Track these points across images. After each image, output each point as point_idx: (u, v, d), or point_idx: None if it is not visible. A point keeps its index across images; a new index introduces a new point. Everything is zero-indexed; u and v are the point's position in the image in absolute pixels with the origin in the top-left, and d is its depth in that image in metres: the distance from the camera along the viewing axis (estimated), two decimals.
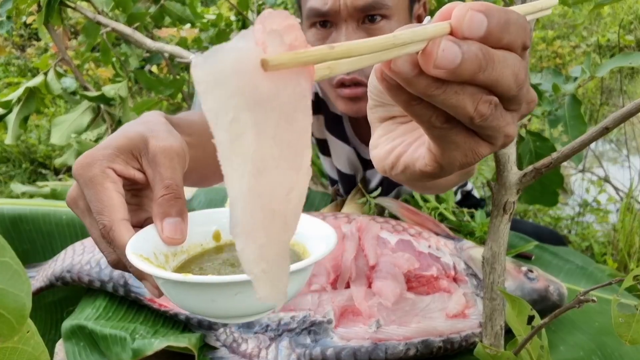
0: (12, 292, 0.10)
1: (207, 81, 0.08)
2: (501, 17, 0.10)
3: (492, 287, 0.22)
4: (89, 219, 0.17)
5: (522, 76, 0.11)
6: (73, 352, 0.28)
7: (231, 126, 0.08)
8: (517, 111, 0.12)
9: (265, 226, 0.08)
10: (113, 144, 0.17)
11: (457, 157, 0.13)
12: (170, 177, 0.16)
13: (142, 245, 0.15)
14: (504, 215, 0.22)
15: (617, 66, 0.33)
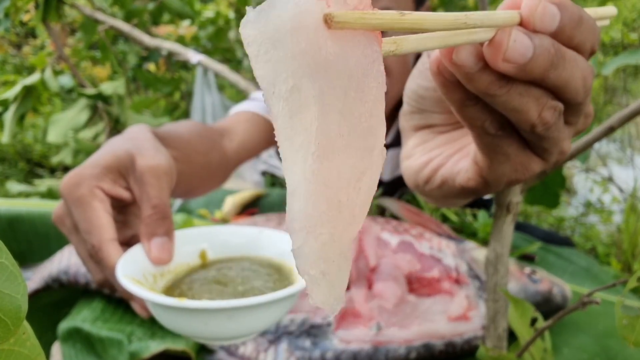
0: (7, 294, 0.10)
1: (260, 41, 0.06)
2: (575, 14, 0.09)
3: (495, 289, 0.22)
4: (75, 237, 0.17)
5: (590, 81, 0.10)
6: (69, 355, 0.28)
7: (291, 96, 0.06)
8: (574, 125, 0.11)
9: (329, 220, 0.06)
10: (101, 162, 0.17)
11: (506, 171, 0.11)
12: (157, 196, 0.16)
13: (130, 266, 0.15)
14: (507, 216, 0.22)
15: (622, 64, 0.32)
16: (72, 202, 0.16)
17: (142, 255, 0.16)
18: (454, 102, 0.11)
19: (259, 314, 0.14)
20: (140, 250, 0.16)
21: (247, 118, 0.36)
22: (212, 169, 0.29)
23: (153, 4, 0.75)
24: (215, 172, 0.30)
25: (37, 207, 0.39)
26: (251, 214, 0.42)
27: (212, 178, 0.30)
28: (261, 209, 0.44)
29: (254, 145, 0.35)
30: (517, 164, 0.11)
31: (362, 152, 0.07)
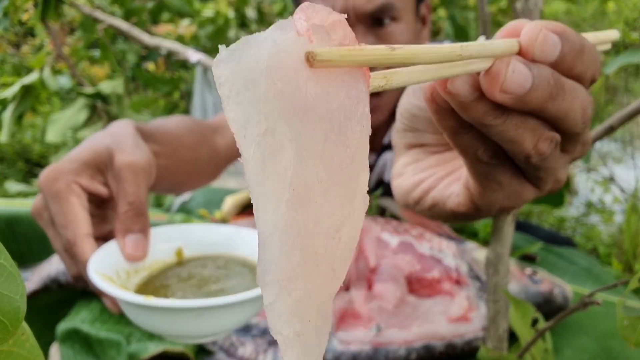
0: (6, 295, 0.10)
1: (232, 81, 0.06)
2: (576, 43, 0.09)
3: (496, 290, 0.22)
4: (52, 231, 0.17)
5: (589, 112, 0.10)
6: (68, 356, 0.28)
7: (265, 139, 0.06)
8: (571, 153, 0.11)
9: (305, 274, 0.06)
10: (80, 157, 0.17)
11: (498, 198, 0.11)
12: (133, 193, 0.16)
13: (103, 262, 0.15)
14: (508, 216, 0.21)
15: (624, 63, 0.32)
16: (49, 196, 0.16)
17: (116, 251, 0.16)
18: (446, 129, 0.10)
19: (227, 313, 0.14)
20: (115, 246, 0.16)
21: None
22: (201, 164, 0.28)
23: (152, 2, 0.75)
24: (204, 168, 0.29)
25: None
26: (251, 214, 0.42)
27: (201, 173, 0.29)
28: None
29: None
30: (510, 192, 0.11)
31: (342, 200, 0.06)
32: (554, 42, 0.09)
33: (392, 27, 0.32)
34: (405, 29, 0.33)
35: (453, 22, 0.65)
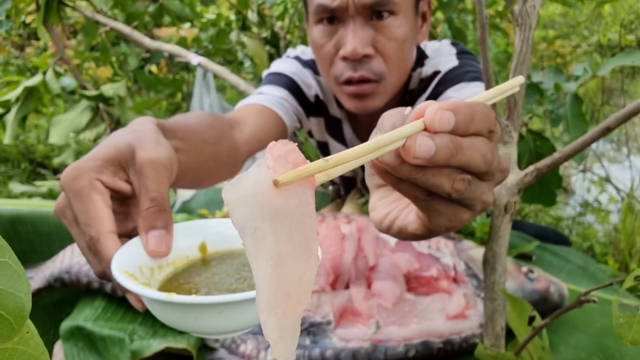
0: (11, 293, 0.10)
1: (233, 201, 0.10)
2: (467, 113, 0.12)
3: (493, 288, 0.22)
4: (76, 229, 0.17)
5: (490, 156, 0.13)
6: (72, 353, 0.28)
7: (255, 233, 0.10)
8: (491, 180, 0.14)
9: (283, 304, 0.10)
10: (101, 155, 0.17)
11: (442, 222, 0.15)
12: (156, 189, 0.16)
13: (127, 259, 0.15)
14: (505, 216, 0.22)
15: (619, 65, 0.32)
16: (71, 194, 0.16)
17: (140, 248, 0.16)
18: (389, 183, 0.14)
19: (250, 309, 0.14)
20: (138, 243, 0.16)
21: (256, 110, 0.36)
22: (221, 159, 0.29)
23: (153, 6, 0.76)
24: (225, 162, 0.30)
25: (39, 207, 0.39)
26: None
27: (222, 168, 0.30)
28: None
29: (264, 136, 0.35)
30: (449, 216, 0.14)
31: (302, 261, 0.10)
32: (448, 117, 0.12)
33: (390, 20, 0.33)
34: (403, 23, 0.33)
35: (451, 25, 0.65)
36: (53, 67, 0.65)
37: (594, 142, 0.20)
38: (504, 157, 0.14)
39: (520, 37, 0.21)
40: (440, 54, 0.40)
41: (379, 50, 0.34)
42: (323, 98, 0.44)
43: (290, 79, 0.41)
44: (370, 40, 0.34)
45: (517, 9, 0.21)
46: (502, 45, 1.69)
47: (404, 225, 0.17)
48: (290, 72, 0.42)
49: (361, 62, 0.34)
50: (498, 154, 0.14)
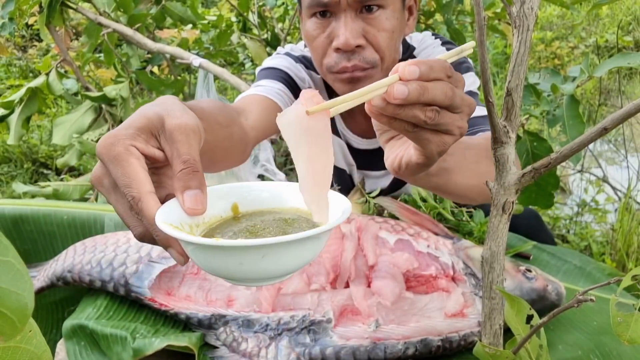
0: (14, 292, 0.10)
1: (283, 124, 0.17)
2: (427, 65, 0.18)
3: (491, 287, 0.22)
4: (114, 195, 0.18)
5: (450, 93, 0.18)
6: (74, 352, 0.28)
7: (297, 143, 0.17)
8: (461, 112, 0.19)
9: (315, 185, 0.17)
10: (133, 124, 0.18)
11: (432, 148, 0.20)
12: (187, 152, 0.17)
13: (168, 216, 0.16)
14: (503, 215, 0.22)
15: (616, 66, 0.33)
16: (109, 160, 0.17)
17: (177, 207, 0.17)
18: (384, 123, 0.19)
19: (292, 252, 0.14)
20: (176, 203, 0.17)
21: (258, 100, 0.38)
22: (234, 141, 0.30)
23: (156, 8, 0.77)
24: (237, 145, 0.31)
25: (42, 207, 0.39)
26: None
27: (235, 150, 0.31)
28: None
29: (268, 124, 0.36)
30: (436, 141, 0.20)
31: (324, 158, 0.17)
32: (414, 69, 0.18)
33: (379, 13, 0.36)
34: (391, 16, 0.37)
35: (449, 27, 0.66)
36: (56, 68, 0.65)
37: (591, 142, 0.21)
38: (467, 96, 0.19)
39: (518, 38, 0.21)
40: (426, 45, 0.43)
41: (369, 41, 0.36)
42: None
43: (285, 73, 0.43)
44: (361, 32, 0.36)
45: (514, 11, 0.21)
46: (500, 47, 1.69)
47: (408, 158, 0.22)
48: (283, 66, 0.43)
49: (354, 52, 0.36)
50: (461, 93, 0.19)
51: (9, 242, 0.11)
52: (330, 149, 0.17)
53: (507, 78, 0.21)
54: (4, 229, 0.38)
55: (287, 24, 1.05)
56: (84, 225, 0.39)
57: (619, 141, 1.13)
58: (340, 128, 0.46)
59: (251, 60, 1.10)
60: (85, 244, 0.34)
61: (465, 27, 0.88)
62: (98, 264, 0.32)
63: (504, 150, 0.22)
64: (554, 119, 0.36)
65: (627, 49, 1.50)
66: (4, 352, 0.11)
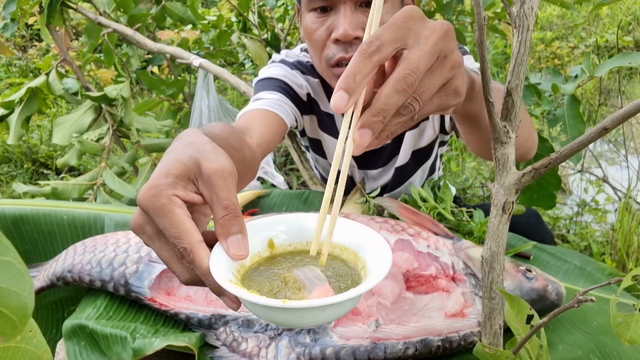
0: (14, 292, 0.10)
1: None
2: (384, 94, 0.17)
3: (491, 287, 0.22)
4: (157, 243, 0.19)
5: (411, 79, 0.17)
6: (74, 352, 0.28)
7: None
8: (439, 65, 0.18)
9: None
10: (171, 172, 0.18)
11: (445, 107, 0.19)
12: (226, 197, 0.18)
13: (219, 266, 0.17)
14: (503, 215, 0.22)
15: (617, 66, 0.33)
16: (154, 212, 0.18)
17: (223, 253, 0.18)
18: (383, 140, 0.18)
19: (348, 304, 0.16)
20: (221, 249, 0.18)
21: (259, 115, 0.39)
22: (246, 162, 0.31)
23: (156, 8, 0.77)
24: (248, 165, 0.32)
25: (42, 206, 0.39)
26: (252, 214, 0.42)
27: (247, 172, 0.32)
28: (262, 208, 0.45)
29: (271, 138, 0.37)
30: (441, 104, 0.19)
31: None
32: (365, 132, 0.18)
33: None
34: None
35: None
36: (56, 68, 0.65)
37: (592, 142, 0.21)
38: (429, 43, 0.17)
39: (518, 38, 0.21)
40: None
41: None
42: (314, 96, 0.46)
43: (282, 82, 0.43)
44: (360, 24, 0.36)
45: (515, 11, 0.21)
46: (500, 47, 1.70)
47: (439, 122, 0.23)
48: (280, 75, 0.43)
49: (352, 44, 0.37)
50: (420, 56, 0.17)
51: (9, 242, 0.11)
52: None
53: (507, 78, 0.21)
54: (4, 229, 0.38)
55: (287, 24, 1.05)
56: (84, 225, 0.39)
57: (619, 141, 1.13)
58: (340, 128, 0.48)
59: (251, 61, 1.10)
60: (85, 244, 0.34)
61: (465, 27, 0.88)
62: (98, 264, 0.32)
63: (504, 150, 0.22)
64: (555, 118, 0.36)
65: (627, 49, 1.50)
66: (4, 352, 0.11)
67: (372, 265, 0.18)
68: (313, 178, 0.55)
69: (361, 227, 0.19)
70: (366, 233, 0.19)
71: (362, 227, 0.19)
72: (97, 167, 0.57)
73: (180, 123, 0.88)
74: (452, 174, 1.10)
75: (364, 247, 0.19)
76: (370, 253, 0.18)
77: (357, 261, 0.19)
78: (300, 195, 0.45)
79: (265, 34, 0.97)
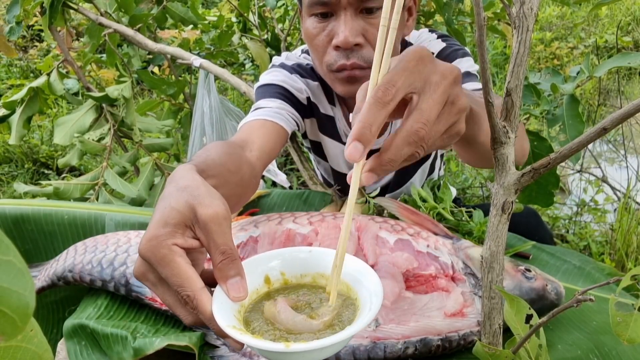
0: (15, 291, 0.10)
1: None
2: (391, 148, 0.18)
3: (491, 286, 0.22)
4: (160, 288, 0.20)
5: (423, 132, 0.18)
6: (75, 351, 0.28)
7: None
8: (445, 120, 0.18)
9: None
10: (169, 221, 0.19)
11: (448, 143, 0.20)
12: (223, 242, 0.19)
13: (222, 310, 0.18)
14: (502, 215, 0.22)
15: (616, 66, 0.33)
16: (156, 262, 0.19)
17: (224, 296, 0.19)
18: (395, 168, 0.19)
19: (346, 340, 0.17)
20: (222, 293, 0.19)
21: (259, 125, 0.39)
22: (245, 182, 0.31)
23: (157, 9, 0.77)
24: (247, 186, 0.32)
25: (43, 206, 0.40)
26: (252, 214, 0.42)
27: (246, 191, 0.32)
28: (262, 208, 0.45)
29: (271, 148, 0.38)
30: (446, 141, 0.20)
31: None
32: (371, 176, 0.18)
33: (379, 13, 0.37)
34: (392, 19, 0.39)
35: (449, 27, 0.66)
36: (57, 68, 0.66)
37: (591, 142, 0.21)
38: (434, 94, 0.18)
39: (518, 39, 0.21)
40: (422, 40, 0.44)
41: (368, 40, 0.37)
42: (314, 99, 0.46)
43: (282, 87, 0.43)
44: (361, 31, 0.37)
45: (514, 11, 0.21)
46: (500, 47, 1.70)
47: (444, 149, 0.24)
48: (279, 80, 0.44)
49: (352, 50, 0.37)
50: (425, 112, 0.17)
51: (10, 241, 0.11)
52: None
53: (507, 78, 0.21)
54: (5, 229, 0.38)
55: (287, 25, 1.05)
56: (84, 224, 0.39)
57: (619, 141, 1.13)
58: (342, 133, 0.46)
59: (251, 61, 1.10)
60: (86, 244, 0.34)
61: (465, 28, 0.89)
62: (99, 264, 0.32)
63: (504, 150, 0.22)
64: (554, 118, 0.36)
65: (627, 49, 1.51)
66: (5, 351, 0.11)
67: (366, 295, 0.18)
68: (313, 178, 0.55)
69: (352, 259, 0.20)
70: (357, 265, 0.20)
71: (353, 259, 0.20)
72: (98, 167, 0.57)
73: (180, 123, 0.89)
74: (451, 174, 1.10)
75: (355, 277, 0.19)
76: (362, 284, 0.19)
77: (350, 292, 0.20)
78: (300, 195, 0.45)
79: (265, 34, 0.97)
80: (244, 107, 1.39)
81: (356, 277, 0.19)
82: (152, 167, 0.61)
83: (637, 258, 0.74)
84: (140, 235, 0.34)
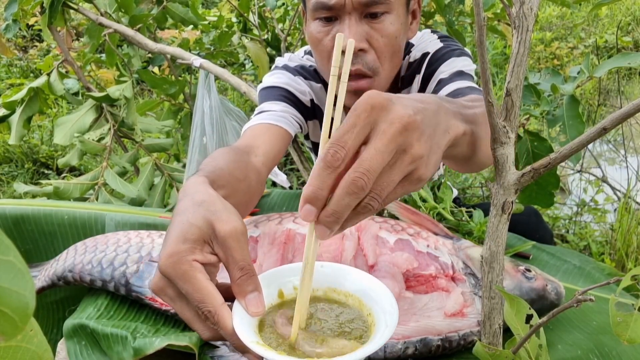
0: (15, 291, 0.10)
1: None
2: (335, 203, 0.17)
3: (491, 286, 0.22)
4: (179, 303, 0.20)
5: (366, 179, 0.17)
6: (75, 351, 0.28)
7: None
8: (397, 169, 0.18)
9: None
10: (189, 237, 0.20)
11: (413, 188, 0.19)
12: (241, 258, 0.19)
13: (242, 325, 0.18)
14: (502, 215, 0.22)
15: (616, 66, 0.33)
16: (177, 277, 0.19)
17: (243, 311, 0.19)
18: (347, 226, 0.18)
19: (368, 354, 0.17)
20: (240, 308, 0.19)
21: (263, 130, 0.39)
22: (251, 189, 0.32)
23: (157, 9, 0.77)
24: (254, 192, 0.32)
25: (43, 206, 0.40)
26: (252, 213, 0.42)
27: (253, 198, 0.32)
28: (262, 208, 0.45)
29: (276, 153, 0.38)
30: (405, 192, 0.19)
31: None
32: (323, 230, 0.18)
33: (383, 18, 0.37)
34: (395, 21, 0.37)
35: (449, 28, 0.66)
36: (57, 68, 0.66)
37: (591, 142, 0.21)
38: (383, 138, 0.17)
39: (517, 39, 0.21)
40: (423, 41, 0.44)
41: (372, 46, 0.37)
42: (317, 102, 0.46)
43: (285, 90, 0.43)
44: (365, 36, 0.37)
45: (514, 12, 0.21)
46: (500, 47, 1.70)
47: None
48: (283, 83, 0.44)
49: (357, 55, 0.37)
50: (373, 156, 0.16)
51: (10, 241, 0.11)
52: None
53: (507, 78, 0.21)
54: (5, 229, 0.38)
55: (287, 25, 1.05)
56: (84, 224, 0.39)
57: (619, 141, 1.13)
58: None
59: (251, 61, 1.10)
60: (86, 244, 0.34)
61: (465, 28, 0.89)
62: (99, 264, 0.32)
63: (504, 150, 0.22)
64: (554, 118, 0.36)
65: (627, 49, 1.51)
66: (5, 351, 0.11)
67: (379, 310, 0.19)
68: None
69: (363, 275, 0.20)
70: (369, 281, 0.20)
71: (365, 275, 0.20)
72: (98, 167, 0.57)
73: (180, 123, 0.89)
74: (451, 174, 1.10)
75: (368, 294, 0.20)
76: (374, 299, 0.19)
77: (362, 307, 0.20)
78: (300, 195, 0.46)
79: (265, 34, 0.97)
80: (244, 107, 1.39)
81: (370, 295, 0.20)
82: (152, 167, 0.61)
83: (637, 258, 0.74)
84: (140, 235, 0.34)
